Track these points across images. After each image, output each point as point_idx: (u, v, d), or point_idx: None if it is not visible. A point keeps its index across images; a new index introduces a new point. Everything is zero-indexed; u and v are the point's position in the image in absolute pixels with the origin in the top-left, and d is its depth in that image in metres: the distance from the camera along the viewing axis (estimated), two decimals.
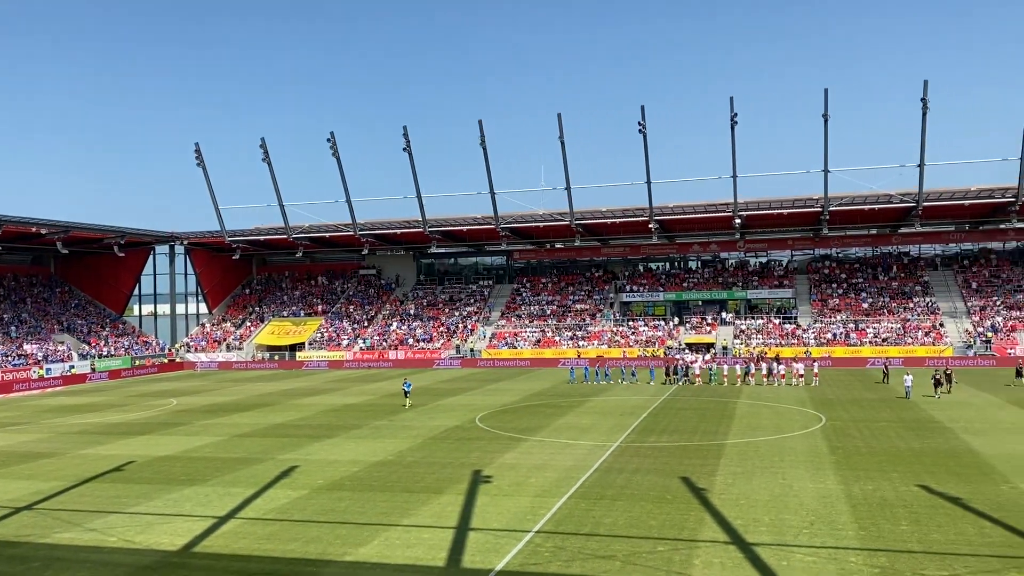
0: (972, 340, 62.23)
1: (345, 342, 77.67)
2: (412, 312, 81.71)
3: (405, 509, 20.64)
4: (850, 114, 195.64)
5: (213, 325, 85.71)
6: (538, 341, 72.97)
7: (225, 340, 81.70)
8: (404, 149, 66.73)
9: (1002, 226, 69.60)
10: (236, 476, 25.43)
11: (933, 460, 25.24)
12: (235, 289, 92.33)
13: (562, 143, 63.58)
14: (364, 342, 77.01)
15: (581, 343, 71.29)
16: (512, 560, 16.31)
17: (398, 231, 76.67)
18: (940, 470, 23.75)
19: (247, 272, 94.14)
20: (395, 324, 79.61)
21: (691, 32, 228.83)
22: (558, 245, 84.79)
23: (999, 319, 64.43)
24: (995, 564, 15.38)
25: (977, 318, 65.32)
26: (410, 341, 76.09)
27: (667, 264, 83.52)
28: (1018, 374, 47.24)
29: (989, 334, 62.30)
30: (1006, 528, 17.70)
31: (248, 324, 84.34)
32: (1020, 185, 57.66)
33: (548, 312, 77.89)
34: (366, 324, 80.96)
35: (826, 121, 58.18)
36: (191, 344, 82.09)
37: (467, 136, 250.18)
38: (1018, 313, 64.92)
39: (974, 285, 70.13)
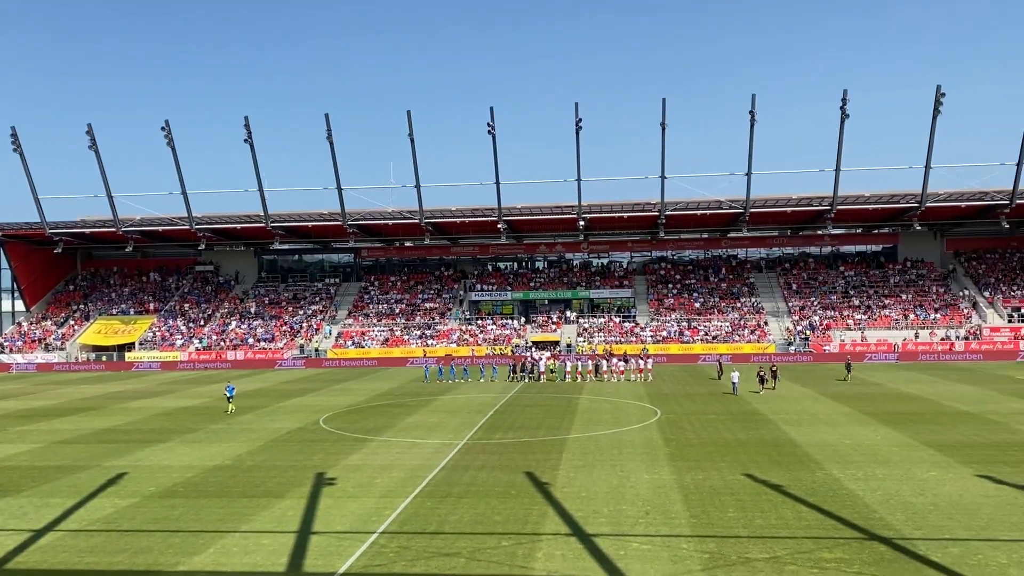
0: (793, 338, 67.11)
1: (179, 342, 73.82)
2: (253, 311, 78.78)
3: (243, 515, 19.85)
4: (686, 122, 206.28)
5: (31, 324, 79.20)
6: (386, 340, 72.24)
7: (45, 340, 75.67)
8: (245, 140, 64.26)
9: (819, 232, 75.44)
10: (55, 486, 23.58)
11: (757, 450, 26.99)
12: (57, 285, 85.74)
13: (411, 140, 63.28)
14: (200, 342, 73.49)
15: (430, 342, 71.20)
16: (356, 562, 16.05)
17: (238, 226, 73.71)
18: (763, 459, 25.42)
19: (71, 267, 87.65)
20: (234, 323, 76.49)
21: (541, 37, 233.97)
22: (407, 243, 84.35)
23: (816, 318, 69.82)
24: (809, 545, 16.63)
25: (797, 317, 70.50)
26: (250, 341, 73.33)
27: (515, 264, 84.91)
28: (848, 368, 51.44)
29: (807, 332, 67.40)
30: (820, 511, 19.17)
31: (71, 323, 78.52)
32: (835, 195, 62.73)
33: (397, 311, 77.27)
34: (202, 323, 77.30)
35: (663, 130, 61.03)
36: (5, 344, 75.47)
37: (314, 129, 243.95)
38: (833, 313, 70.60)
39: (794, 287, 75.65)
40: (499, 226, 68.89)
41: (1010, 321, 67.42)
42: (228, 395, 40.31)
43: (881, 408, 36.75)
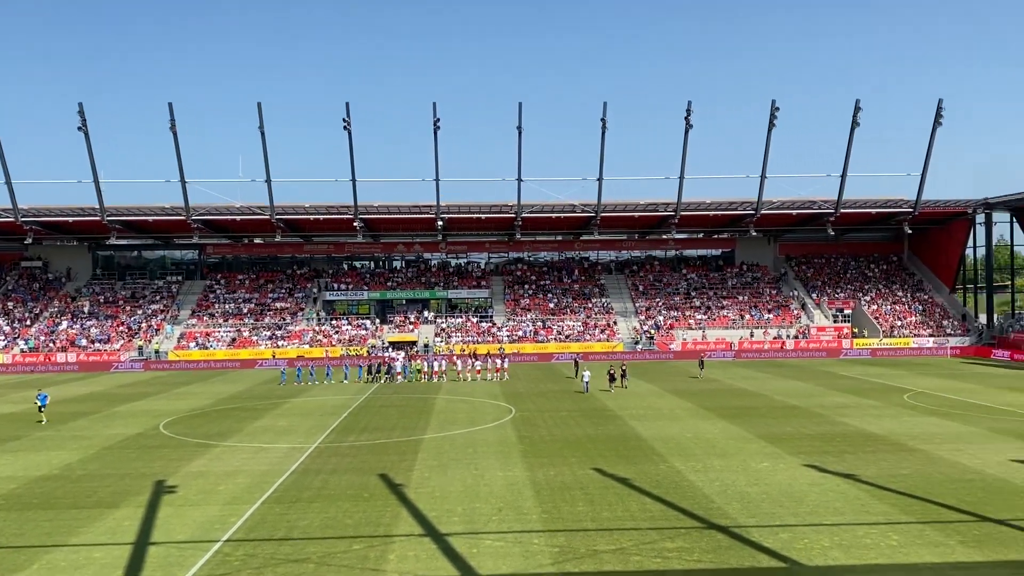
0: (639, 337, 69.84)
1: (2, 343, 68.05)
2: (87, 310, 73.71)
3: (73, 527, 18.54)
4: (543, 125, 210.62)
5: None
6: (233, 341, 69.43)
7: None
8: (79, 128, 59.97)
9: (664, 236, 78.88)
10: None
11: (606, 445, 27.89)
12: None
13: (262, 133, 61.10)
14: (26, 343, 68.04)
15: (281, 343, 69.05)
16: (198, 572, 15.33)
17: (71, 219, 68.72)
18: (611, 454, 26.30)
19: None
20: (65, 323, 71.31)
21: (399, 32, 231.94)
22: (257, 240, 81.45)
23: (661, 318, 72.97)
24: (653, 536, 17.34)
25: (643, 317, 73.43)
26: (83, 342, 68.58)
27: (372, 263, 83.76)
28: (701, 365, 53.95)
29: (653, 331, 70.33)
30: (663, 503, 20.04)
31: None
32: (678, 201, 65.77)
33: (245, 311, 74.42)
34: (29, 323, 71.61)
35: (520, 133, 61.96)
36: None
37: (156, 117, 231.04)
38: (676, 313, 74.01)
39: (641, 288, 78.76)
40: (355, 224, 67.72)
41: (835, 321, 72.95)
42: (40, 404, 35.94)
43: (720, 403, 38.85)
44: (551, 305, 75.82)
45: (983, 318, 74.39)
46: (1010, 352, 62.52)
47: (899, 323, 71.64)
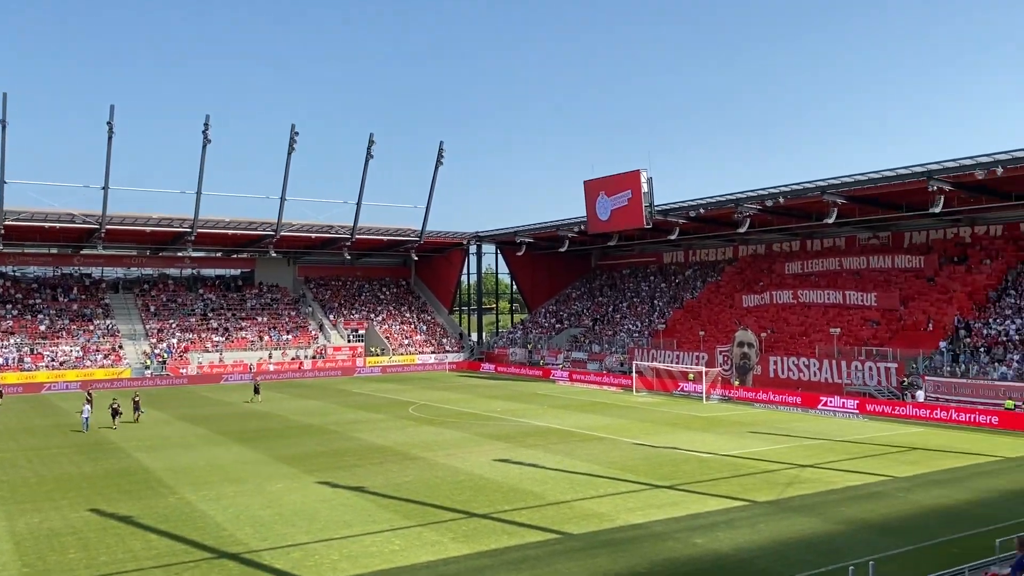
0: (150, 361, 64.91)
1: None
2: None
3: None
4: (33, 128, 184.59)
5: None
6: None
7: None
8: None
9: (180, 254, 74.77)
10: None
11: (106, 482, 25.26)
12: None
13: None
14: None
15: None
16: None
17: None
18: (112, 491, 23.90)
19: None
20: None
21: None
22: None
23: (175, 340, 68.82)
24: (159, 574, 16.15)
25: (155, 340, 68.48)
26: None
27: None
28: (256, 391, 51.33)
29: (165, 355, 65.95)
30: (170, 537, 18.80)
31: None
32: (195, 217, 62.93)
33: None
34: None
35: (4, 127, 53.47)
36: None
37: None
38: (192, 335, 70.47)
39: (152, 308, 73.40)
40: None
41: (349, 341, 76.43)
42: None
43: (235, 427, 37.91)
44: (42, 328, 66.48)
45: (475, 336, 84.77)
46: (495, 365, 72.15)
47: (407, 341, 77.88)
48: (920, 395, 39.73)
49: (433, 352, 77.20)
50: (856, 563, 14.50)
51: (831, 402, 42.47)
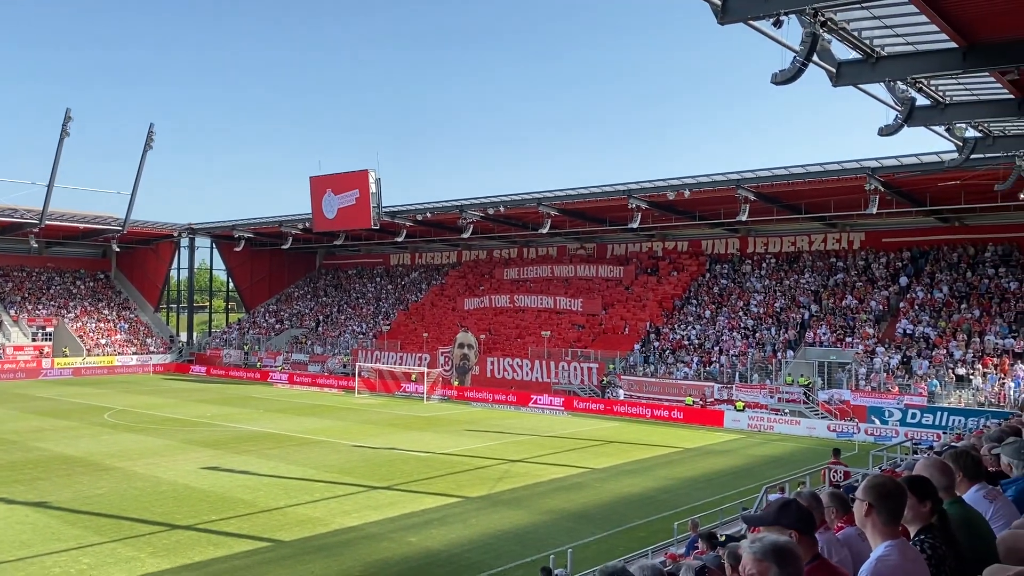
0: None
1: None
2: None
3: None
4: None
5: None
6: None
7: None
8: None
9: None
10: None
11: None
12: None
13: None
14: None
15: None
16: None
17: None
18: None
19: None
20: None
21: None
22: None
23: None
24: None
25: None
26: None
27: None
28: None
29: None
30: None
31: None
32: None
33: None
34: None
35: None
36: None
37: None
38: None
39: None
40: None
41: (34, 340, 67.89)
42: None
43: None
44: None
45: (184, 336, 79.13)
46: (207, 367, 67.89)
47: (104, 341, 70.83)
48: (621, 393, 43.60)
49: (136, 353, 71.02)
50: (556, 551, 15.50)
51: (540, 400, 45.25)
